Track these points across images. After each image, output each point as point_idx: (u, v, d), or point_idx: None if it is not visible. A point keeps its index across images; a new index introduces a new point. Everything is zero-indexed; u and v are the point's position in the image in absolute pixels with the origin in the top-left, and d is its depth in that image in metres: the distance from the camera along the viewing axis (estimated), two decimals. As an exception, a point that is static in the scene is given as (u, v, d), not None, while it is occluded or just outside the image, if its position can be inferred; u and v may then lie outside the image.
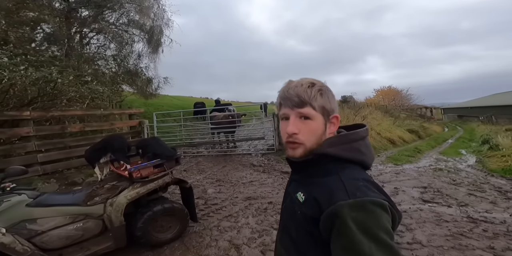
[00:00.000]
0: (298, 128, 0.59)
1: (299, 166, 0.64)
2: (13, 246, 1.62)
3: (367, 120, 10.35)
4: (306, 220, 0.56)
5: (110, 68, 9.46)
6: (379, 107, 17.12)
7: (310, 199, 0.57)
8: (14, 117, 3.95)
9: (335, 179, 0.56)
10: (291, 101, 0.59)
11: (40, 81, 4.01)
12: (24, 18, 6.68)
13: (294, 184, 0.67)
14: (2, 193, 1.79)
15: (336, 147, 0.59)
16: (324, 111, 0.60)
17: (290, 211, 0.63)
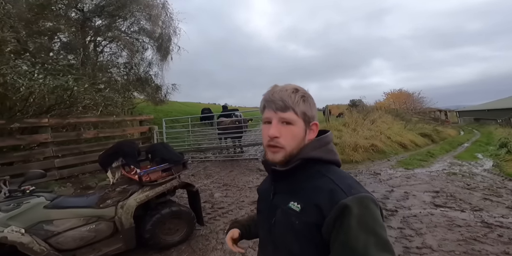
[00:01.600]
0: (279, 132, 0.59)
1: (285, 175, 0.62)
2: (31, 246, 1.70)
3: (376, 124, 10.15)
4: (309, 228, 0.55)
5: (122, 76, 9.83)
6: (389, 111, 16.74)
7: (309, 206, 0.56)
8: (34, 124, 4.19)
9: (327, 181, 0.57)
10: (275, 105, 0.60)
11: (58, 89, 4.24)
12: (42, 28, 7.12)
13: (281, 195, 0.64)
14: (22, 195, 1.89)
15: (318, 151, 0.61)
16: (305, 117, 0.61)
17: (285, 224, 0.60)
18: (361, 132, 8.46)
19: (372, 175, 5.17)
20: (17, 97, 3.74)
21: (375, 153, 7.39)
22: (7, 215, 1.72)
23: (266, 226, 0.67)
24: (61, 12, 8.19)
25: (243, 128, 8.60)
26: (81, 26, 8.83)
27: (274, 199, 0.65)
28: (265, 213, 0.68)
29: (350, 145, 7.12)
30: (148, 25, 10.45)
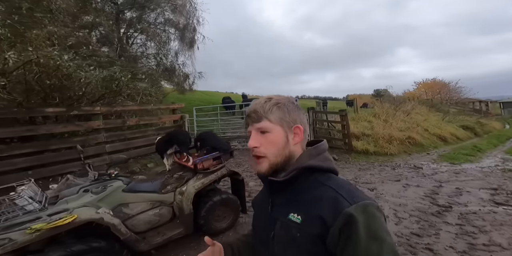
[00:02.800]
0: (258, 142, 0.59)
1: (283, 185, 0.60)
2: (119, 227, 1.83)
3: (411, 115, 9.50)
4: (312, 241, 0.52)
5: (152, 66, 10.18)
6: (423, 101, 15.54)
7: (311, 217, 0.53)
8: (88, 112, 4.56)
9: (327, 190, 0.55)
10: (250, 117, 0.61)
11: (108, 79, 4.53)
12: (84, 22, 7.51)
13: (279, 207, 0.61)
14: (109, 179, 2.07)
15: (315, 159, 0.59)
16: (283, 122, 0.60)
17: (285, 239, 0.57)
18: (395, 124, 8.00)
19: (412, 169, 4.93)
20: (76, 87, 4.06)
21: (412, 146, 6.99)
22: (97, 197, 1.89)
23: (264, 243, 0.63)
24: (99, 5, 8.56)
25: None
26: (116, 19, 9.18)
27: (272, 212, 0.62)
28: (263, 228, 0.64)
29: (384, 137, 6.81)
30: (173, 16, 10.54)
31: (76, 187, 1.91)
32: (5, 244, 1.46)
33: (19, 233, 1.50)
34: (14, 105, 3.56)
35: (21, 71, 3.12)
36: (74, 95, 4.35)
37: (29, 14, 4.20)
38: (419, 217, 2.71)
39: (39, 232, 1.52)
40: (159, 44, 10.43)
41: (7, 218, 1.56)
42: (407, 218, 2.70)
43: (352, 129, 6.73)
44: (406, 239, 2.29)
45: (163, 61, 10.58)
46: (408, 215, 2.77)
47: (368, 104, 17.79)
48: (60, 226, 1.57)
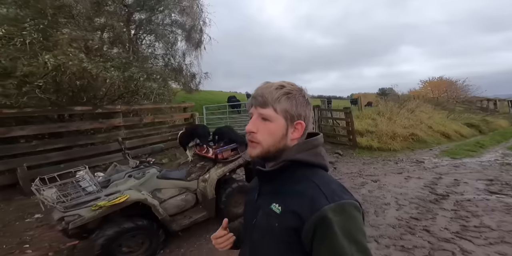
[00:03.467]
0: (256, 127, 0.58)
1: (270, 176, 0.60)
2: (158, 208, 2.11)
3: (415, 113, 9.67)
4: (287, 232, 0.53)
5: (161, 66, 10.50)
6: (428, 100, 15.59)
7: (289, 210, 0.54)
8: (111, 110, 4.91)
9: (311, 185, 0.55)
10: (256, 100, 0.59)
11: (128, 79, 4.87)
12: (97, 24, 7.85)
13: (264, 196, 0.62)
14: (148, 166, 2.38)
15: (304, 153, 0.58)
16: (287, 115, 0.58)
17: (265, 227, 0.58)
18: (399, 121, 8.19)
19: (414, 163, 5.17)
20: (101, 87, 4.40)
21: (415, 142, 7.20)
22: (139, 181, 2.18)
23: (248, 228, 0.64)
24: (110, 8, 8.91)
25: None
26: (127, 21, 9.53)
27: (258, 200, 0.63)
28: (248, 214, 0.66)
29: (388, 133, 7.03)
30: (180, 17, 10.83)
31: (122, 172, 2.24)
32: (75, 220, 1.76)
33: (86, 210, 1.80)
34: (47, 104, 3.92)
35: (55, 72, 3.46)
36: (98, 95, 4.70)
37: (54, 20, 4.54)
38: (418, 204, 2.98)
39: (101, 209, 1.82)
40: (166, 44, 10.78)
41: (72, 198, 1.87)
42: (407, 205, 2.98)
43: (356, 126, 6.97)
44: (405, 222, 2.56)
45: (171, 61, 10.94)
46: (408, 202, 3.04)
47: (372, 102, 17.88)
48: (117, 204, 1.88)
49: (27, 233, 2.55)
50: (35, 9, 4.30)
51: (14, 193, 3.46)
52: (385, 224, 2.55)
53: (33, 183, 1.79)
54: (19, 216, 2.94)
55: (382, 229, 2.46)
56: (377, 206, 3.01)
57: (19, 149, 3.61)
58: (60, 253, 2.18)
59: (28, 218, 2.91)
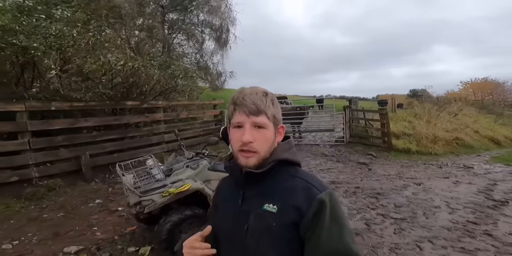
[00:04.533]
0: (253, 137, 0.57)
1: (259, 178, 0.60)
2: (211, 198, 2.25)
3: (458, 117, 9.01)
4: (287, 228, 0.55)
5: (190, 64, 10.94)
6: (471, 103, 14.36)
7: (288, 206, 0.56)
8: (154, 105, 5.29)
9: (300, 181, 0.59)
10: (248, 108, 0.57)
11: (169, 77, 5.21)
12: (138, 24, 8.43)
13: (251, 200, 0.61)
14: (203, 157, 2.51)
15: (287, 153, 0.62)
16: (275, 121, 0.60)
17: (261, 229, 0.57)
18: (440, 124, 7.70)
19: (462, 168, 4.83)
20: (148, 84, 4.77)
21: (460, 147, 6.72)
22: (194, 172, 2.31)
23: (234, 239, 0.61)
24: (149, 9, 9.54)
25: (304, 115, 8.83)
26: (162, 21, 10.13)
27: (243, 205, 0.62)
28: (232, 224, 0.62)
29: (428, 137, 6.65)
30: (209, 17, 11.18)
31: (182, 162, 2.41)
32: (149, 204, 1.92)
33: (158, 195, 1.95)
34: (105, 99, 4.35)
35: (114, 70, 3.83)
36: (144, 91, 5.09)
37: (107, 20, 5.00)
38: (474, 209, 2.81)
39: (169, 196, 1.96)
40: (195, 43, 11.24)
41: (145, 184, 2.05)
42: (461, 209, 2.82)
43: (391, 128, 6.69)
44: (462, 225, 2.44)
45: (200, 59, 11.38)
46: (462, 207, 2.88)
47: (403, 104, 16.92)
48: (182, 192, 2.02)
49: (93, 217, 2.82)
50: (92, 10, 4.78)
51: (77, 178, 3.87)
52: (438, 226, 2.45)
53: (117, 169, 1.99)
54: (83, 200, 3.27)
55: (435, 231, 2.37)
56: (425, 209, 2.89)
57: (82, 138, 4.05)
58: (124, 237, 2.37)
59: (91, 202, 3.23)
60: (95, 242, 2.26)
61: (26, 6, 3.49)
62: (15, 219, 2.74)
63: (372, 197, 3.35)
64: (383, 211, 2.91)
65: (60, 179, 3.58)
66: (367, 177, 4.39)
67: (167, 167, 2.39)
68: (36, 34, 3.13)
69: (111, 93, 4.23)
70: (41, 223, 2.65)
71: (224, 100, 13.48)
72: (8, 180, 3.20)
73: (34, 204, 3.09)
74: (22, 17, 3.22)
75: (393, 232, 2.41)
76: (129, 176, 2.03)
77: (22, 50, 3.15)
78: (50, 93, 3.58)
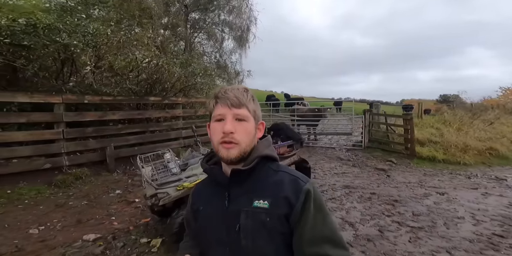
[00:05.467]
0: (234, 128, 0.58)
1: (244, 175, 0.61)
2: None
3: (494, 125, 8.29)
4: (280, 221, 0.57)
5: (210, 63, 11.19)
6: (511, 111, 13.10)
7: (278, 200, 0.57)
8: (174, 102, 5.53)
9: (284, 174, 0.62)
10: (230, 101, 0.59)
11: (189, 75, 5.42)
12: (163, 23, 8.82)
13: (238, 199, 0.61)
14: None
15: (268, 149, 0.64)
16: (255, 116, 0.62)
17: (254, 226, 0.57)
18: (472, 133, 7.14)
19: (493, 179, 4.45)
20: (170, 80, 5.01)
21: (494, 157, 6.18)
22: None
23: (224, 240, 0.61)
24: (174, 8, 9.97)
25: (321, 117, 8.66)
26: (185, 20, 10.52)
27: (230, 205, 0.61)
28: (219, 226, 0.62)
29: (458, 145, 6.20)
30: (229, 16, 11.34)
31: (197, 158, 2.49)
32: (164, 197, 1.99)
33: (172, 189, 2.02)
34: (131, 94, 4.64)
35: (140, 67, 4.08)
36: (165, 88, 5.35)
37: (139, 21, 5.33)
38: (503, 222, 2.59)
39: (183, 190, 2.02)
40: (215, 43, 11.49)
41: (162, 177, 2.14)
42: (488, 222, 2.61)
43: (416, 135, 6.33)
44: (486, 238, 2.27)
45: (219, 58, 11.62)
46: (489, 219, 2.67)
47: (430, 110, 15.90)
48: None
49: (112, 207, 2.97)
50: (125, 11, 5.13)
51: (101, 169, 4.12)
52: (459, 237, 2.30)
53: (137, 161, 2.10)
54: (105, 190, 3.46)
55: (455, 242, 2.22)
56: (447, 219, 2.71)
57: (109, 131, 4.34)
58: (138, 227, 2.44)
59: (111, 192, 3.40)
60: (112, 231, 2.37)
61: (68, 6, 3.85)
62: (44, 205, 2.92)
63: (389, 204, 3.20)
64: (399, 218, 2.77)
65: (87, 169, 3.84)
66: (385, 183, 4.20)
67: (183, 162, 2.49)
68: (76, 33, 3.41)
69: (136, 89, 4.50)
70: (66, 210, 2.84)
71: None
72: (42, 167, 3.49)
73: (62, 191, 3.32)
74: (66, 16, 3.54)
75: (408, 240, 2.30)
76: (148, 169, 2.13)
77: (64, 47, 3.45)
78: (85, 88, 3.90)
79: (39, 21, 2.97)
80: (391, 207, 3.11)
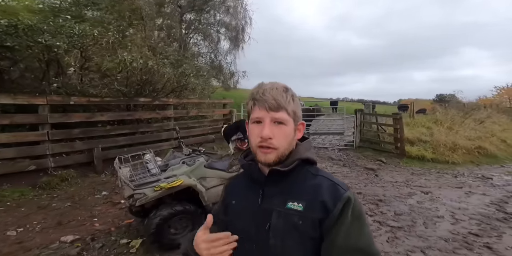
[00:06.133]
0: (272, 133, 0.56)
1: (281, 176, 0.60)
2: (204, 195, 2.24)
3: (485, 124, 8.37)
4: (313, 226, 0.55)
5: (204, 64, 11.15)
6: (504, 110, 13.24)
7: (314, 203, 0.56)
8: (165, 103, 5.51)
9: (323, 179, 0.60)
10: (268, 104, 0.56)
11: (180, 75, 5.40)
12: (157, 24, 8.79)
13: (272, 198, 0.60)
14: (199, 154, 2.57)
15: (309, 152, 0.63)
16: (295, 117, 0.60)
17: (285, 227, 0.57)
18: (462, 132, 7.21)
19: (479, 178, 4.51)
20: (160, 81, 4.99)
21: (482, 156, 6.25)
22: (190, 168, 2.35)
23: (252, 237, 0.60)
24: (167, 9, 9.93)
25: (314, 117, 8.68)
26: (179, 21, 10.48)
27: (263, 203, 0.61)
28: (249, 222, 0.61)
29: (446, 144, 6.25)
30: (224, 17, 11.31)
31: (178, 159, 2.48)
32: (141, 198, 1.99)
33: (150, 189, 2.02)
34: (120, 95, 4.63)
35: (129, 68, 4.07)
36: (156, 88, 5.33)
37: (129, 21, 5.30)
38: (481, 221, 2.63)
39: (161, 190, 2.02)
40: (211, 43, 11.47)
41: (140, 178, 2.13)
42: (466, 220, 2.65)
43: (406, 134, 6.38)
44: (462, 237, 2.30)
45: (214, 59, 11.60)
46: (468, 218, 2.71)
47: (426, 109, 16.04)
48: (174, 187, 2.06)
49: (96, 208, 2.96)
50: (116, 12, 5.10)
51: (88, 170, 4.10)
52: (435, 236, 2.33)
53: (115, 162, 2.09)
54: (91, 191, 3.44)
55: (431, 241, 2.26)
56: (426, 218, 2.75)
57: (97, 132, 4.32)
58: (120, 229, 2.44)
59: (97, 194, 3.39)
60: (92, 233, 2.37)
61: (57, 8, 3.79)
62: (26, 207, 2.89)
63: (373, 204, 3.24)
64: (381, 218, 2.81)
65: (73, 170, 3.82)
66: (372, 183, 4.24)
67: (164, 163, 2.48)
68: (61, 33, 3.39)
69: (125, 90, 4.48)
70: (48, 212, 2.82)
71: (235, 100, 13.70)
72: (26, 169, 3.46)
73: (46, 193, 3.29)
74: (50, 17, 3.51)
75: (386, 240, 2.33)
76: (126, 169, 2.12)
77: (47, 48, 3.44)
78: (71, 89, 3.88)
79: (20, 22, 2.95)
80: (374, 206, 3.15)
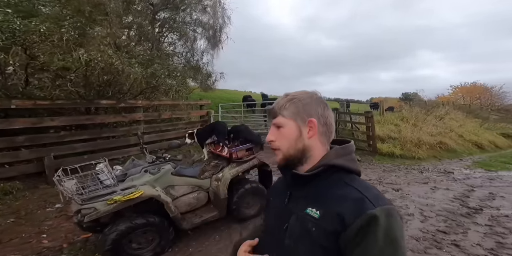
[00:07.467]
0: (274, 136, 0.64)
1: (305, 180, 0.61)
2: (170, 206, 2.06)
3: (444, 120, 9.10)
4: (326, 236, 0.53)
5: (180, 64, 10.71)
6: (459, 107, 14.63)
7: (331, 214, 0.54)
8: (133, 105, 5.10)
9: (352, 190, 0.55)
10: (269, 114, 0.74)
11: (150, 76, 5.03)
12: (125, 22, 8.20)
13: (296, 201, 0.62)
14: (164, 161, 2.35)
15: (342, 159, 0.60)
16: (296, 117, 0.62)
17: (299, 231, 0.57)
18: (425, 128, 7.75)
19: (442, 173, 4.82)
20: (125, 82, 4.58)
21: (443, 151, 6.75)
22: (154, 177, 2.15)
23: (275, 233, 0.63)
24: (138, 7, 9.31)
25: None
26: (152, 19, 9.90)
27: (288, 204, 0.63)
28: (275, 219, 0.65)
29: (412, 140, 6.66)
30: (201, 16, 10.97)
31: (139, 167, 2.24)
32: (91, 213, 1.75)
33: (102, 203, 1.79)
34: (76, 97, 4.14)
35: (85, 67, 3.64)
36: (122, 90, 4.90)
37: (91, 17, 4.78)
38: (447, 217, 2.74)
39: (116, 204, 1.80)
40: (186, 43, 11.03)
41: (90, 190, 1.88)
42: (434, 217, 2.75)
43: (377, 132, 6.66)
44: (431, 235, 2.36)
45: (190, 59, 11.18)
46: (435, 215, 2.82)
47: (394, 107, 17.16)
48: (131, 199, 1.85)
49: (46, 223, 2.61)
50: (74, 7, 4.57)
51: (39, 181, 3.63)
52: (407, 236, 2.37)
53: (56, 174, 1.80)
54: (41, 204, 3.05)
55: (404, 242, 2.27)
56: (399, 217, 2.80)
57: (48, 138, 3.82)
58: (74, 245, 2.21)
59: (49, 207, 3.01)
60: (38, 251, 2.07)
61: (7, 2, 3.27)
62: None
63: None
64: (356, 218, 2.82)
65: (19, 182, 3.35)
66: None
67: (122, 172, 2.23)
68: None
69: (82, 92, 4.03)
70: None
71: (213, 100, 13.35)
72: None
73: None
74: None
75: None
76: (71, 182, 1.85)
77: (-23, 45, 2.94)
78: (13, 91, 3.36)
79: None
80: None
